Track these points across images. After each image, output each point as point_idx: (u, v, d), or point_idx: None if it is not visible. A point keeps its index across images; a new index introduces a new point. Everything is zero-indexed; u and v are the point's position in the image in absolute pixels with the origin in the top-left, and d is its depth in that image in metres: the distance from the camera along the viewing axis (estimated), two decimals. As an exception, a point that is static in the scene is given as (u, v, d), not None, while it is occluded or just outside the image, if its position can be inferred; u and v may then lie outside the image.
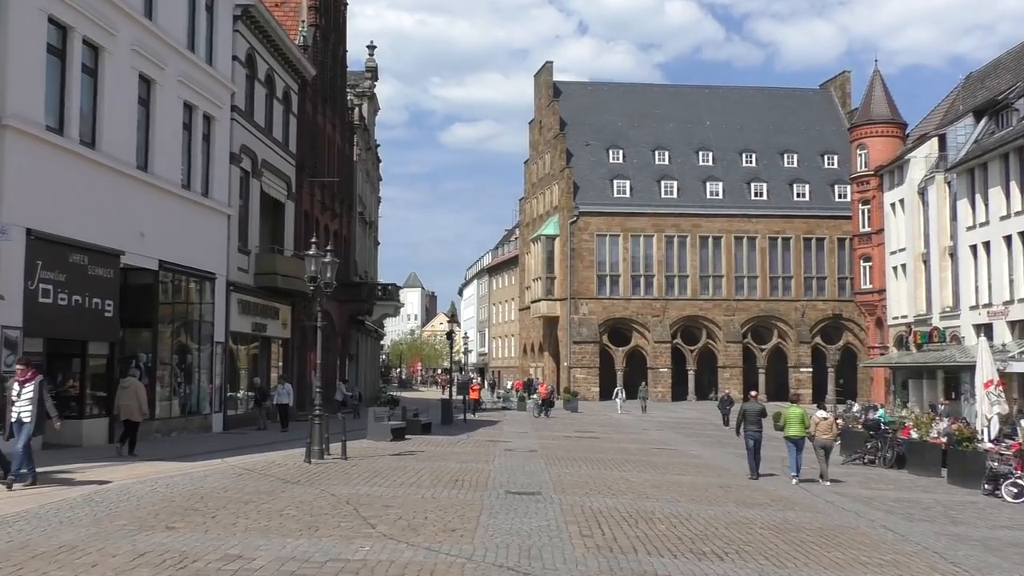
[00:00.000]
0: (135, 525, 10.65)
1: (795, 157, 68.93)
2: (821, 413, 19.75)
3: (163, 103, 23.05)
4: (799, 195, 66.69)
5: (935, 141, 48.43)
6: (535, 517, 12.32)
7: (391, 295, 52.28)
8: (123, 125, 21.13)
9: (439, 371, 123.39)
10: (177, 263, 23.90)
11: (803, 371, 64.57)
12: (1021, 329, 38.89)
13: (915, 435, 23.37)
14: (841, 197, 65.75)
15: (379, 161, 66.18)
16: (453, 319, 50.68)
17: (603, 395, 61.48)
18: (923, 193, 48.46)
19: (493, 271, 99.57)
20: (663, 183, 65.76)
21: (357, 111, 50.52)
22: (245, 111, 29.17)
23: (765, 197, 66.22)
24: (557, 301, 65.29)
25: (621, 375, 62.32)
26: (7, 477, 13.18)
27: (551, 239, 65.77)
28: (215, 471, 16.24)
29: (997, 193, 40.87)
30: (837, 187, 66.63)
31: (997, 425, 21.74)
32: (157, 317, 23.33)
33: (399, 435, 25.10)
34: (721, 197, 65.79)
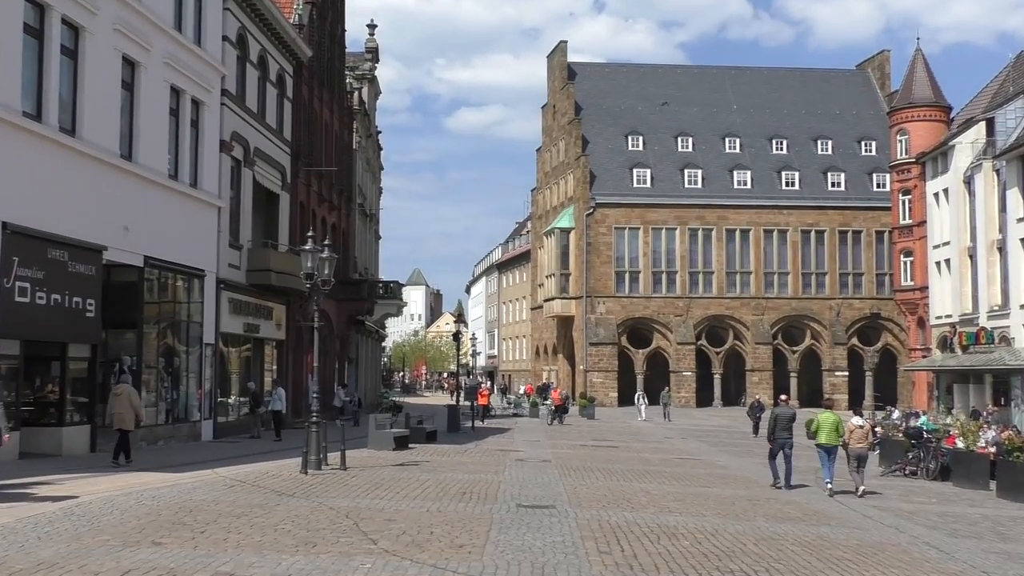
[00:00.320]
0: (119, 540, 10.67)
1: (829, 143, 68.66)
2: (857, 420, 19.70)
3: (148, 87, 23.11)
4: (834, 184, 66.46)
5: (982, 125, 48.17)
6: (549, 532, 12.30)
7: (393, 293, 52.34)
8: (105, 111, 21.19)
9: (445, 375, 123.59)
10: (164, 259, 23.97)
11: (838, 375, 64.36)
12: (1076, 329, 38.63)
13: (961, 444, 23.26)
14: (880, 187, 65.45)
15: (380, 149, 66.27)
16: (460, 319, 50.70)
17: (622, 401, 61.43)
18: (969, 182, 48.20)
19: (503, 267, 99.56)
20: (686, 172, 65.63)
21: (356, 95, 50.58)
22: (236, 95, 29.22)
23: (797, 187, 66.01)
24: (572, 300, 65.26)
25: (641, 379, 62.23)
26: None
27: (565, 233, 65.75)
28: (205, 482, 16.28)
29: (1049, 182, 40.63)
30: (875, 176, 66.33)
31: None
32: (142, 317, 23.40)
33: (402, 444, 25.11)
34: (749, 187, 65.61)
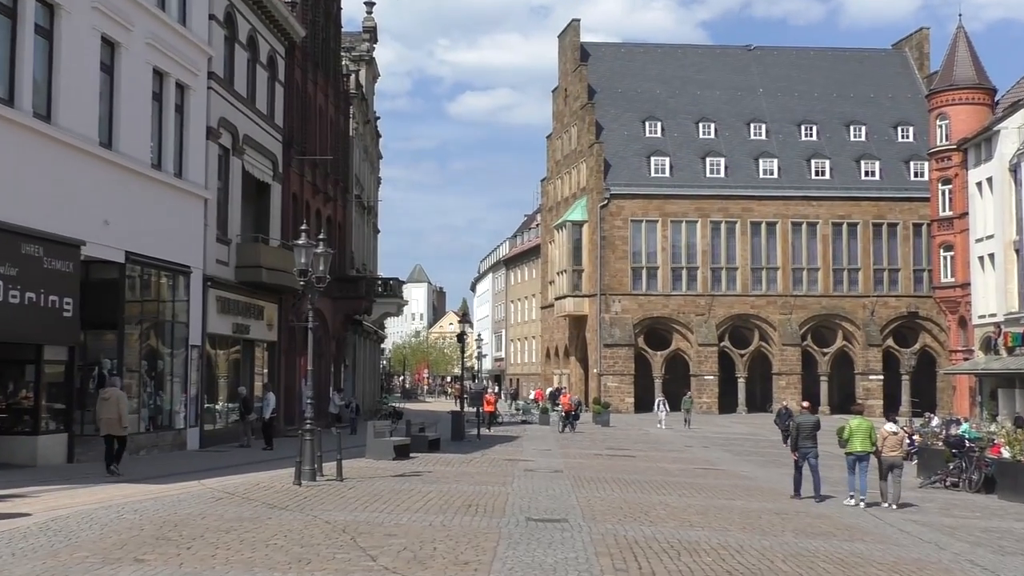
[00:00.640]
0: (98, 558, 10.67)
1: (863, 129, 68.44)
2: (890, 427, 19.66)
3: (129, 70, 23.12)
4: (868, 173, 66.25)
5: (1029, 109, 47.93)
6: (561, 548, 12.27)
7: (393, 291, 52.38)
8: (83, 95, 21.21)
9: (449, 379, 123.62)
10: (146, 254, 23.99)
11: (872, 379, 64.16)
12: None
13: (1007, 454, 23.11)
14: (917, 176, 65.21)
15: (379, 136, 66.28)
16: (465, 319, 50.63)
17: (639, 406, 61.37)
18: (1015, 170, 47.95)
19: (511, 263, 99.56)
20: (708, 160, 65.50)
21: (353, 78, 50.57)
22: (224, 79, 29.22)
23: (828, 176, 65.82)
24: (585, 298, 65.20)
25: (660, 383, 62.17)
26: None
27: (578, 226, 65.69)
28: (191, 495, 16.29)
29: (1102, 170, 40.42)
30: (913, 164, 66.09)
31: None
32: (123, 317, 23.42)
33: (403, 453, 25.12)
34: (776, 176, 65.44)
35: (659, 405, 48.72)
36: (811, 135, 67.91)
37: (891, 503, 18.88)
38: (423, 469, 22.39)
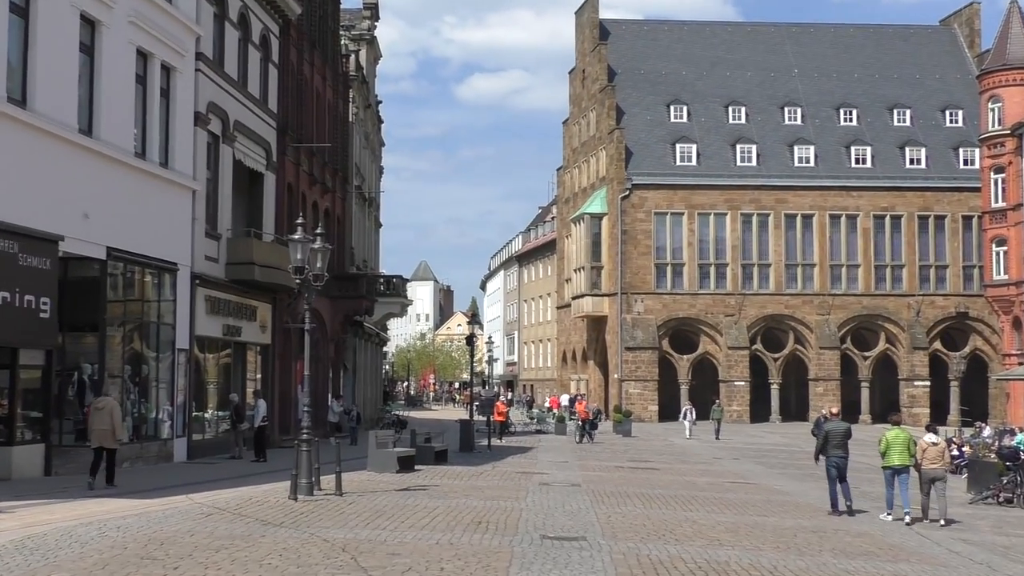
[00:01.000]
0: (78, 577, 10.69)
1: (907, 113, 68.19)
2: (930, 437, 19.61)
3: (111, 50, 23.18)
4: (913, 161, 66.00)
5: (1089, 91, 47.67)
6: (579, 569, 12.27)
7: (396, 290, 52.43)
8: (61, 78, 21.28)
9: (457, 385, 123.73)
10: (130, 250, 24.07)
11: (918, 385, 63.96)
12: None
13: (1064, 467, 23.00)
14: (967, 163, 64.96)
15: (381, 122, 66.37)
16: (474, 319, 50.72)
17: (663, 415, 61.29)
18: (1073, 157, 47.72)
19: (524, 260, 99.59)
20: (739, 148, 65.36)
21: (353, 59, 50.65)
22: (213, 60, 29.28)
23: (869, 164, 65.60)
24: (605, 297, 65.16)
25: (686, 390, 62.10)
26: None
27: (597, 219, 65.66)
28: (178, 510, 16.33)
29: None
30: (962, 151, 65.83)
31: None
32: (105, 318, 23.52)
33: (407, 465, 25.14)
34: (812, 165, 65.25)
35: (685, 413, 48.66)
36: (851, 119, 67.66)
37: (937, 519, 18.82)
38: (429, 483, 22.39)
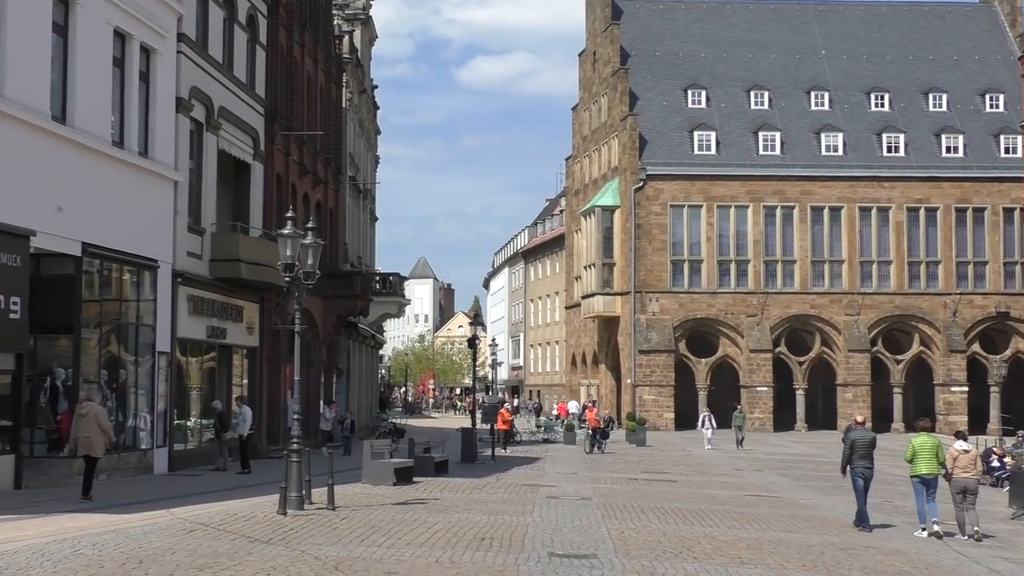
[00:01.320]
0: (50, 598, 10.69)
1: (943, 98, 68.07)
2: (961, 444, 19.60)
3: (86, 31, 23.17)
4: (949, 150, 65.89)
5: None
6: (589, 590, 12.23)
7: (393, 289, 52.44)
8: (32, 61, 21.27)
9: (458, 391, 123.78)
10: (107, 246, 24.06)
11: (955, 391, 63.81)
12: None
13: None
14: (1009, 152, 64.86)
15: (376, 108, 66.40)
16: (476, 321, 50.76)
17: (680, 423, 61.23)
18: (1122, 145, 47.61)
19: (530, 256, 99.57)
20: (761, 135, 65.29)
21: (347, 40, 50.66)
22: (196, 42, 29.28)
23: (902, 153, 65.47)
24: (617, 296, 65.12)
25: (704, 396, 62.05)
26: None
27: (609, 212, 65.62)
28: (158, 526, 16.33)
29: None
30: (1003, 138, 65.71)
31: None
32: (80, 319, 23.51)
33: (405, 477, 25.17)
34: (841, 153, 65.15)
35: (704, 421, 48.60)
36: (882, 104, 67.52)
37: (969, 535, 18.81)
38: (429, 496, 22.40)
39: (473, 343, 43.90)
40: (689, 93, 66.98)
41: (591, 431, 42.71)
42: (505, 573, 13.06)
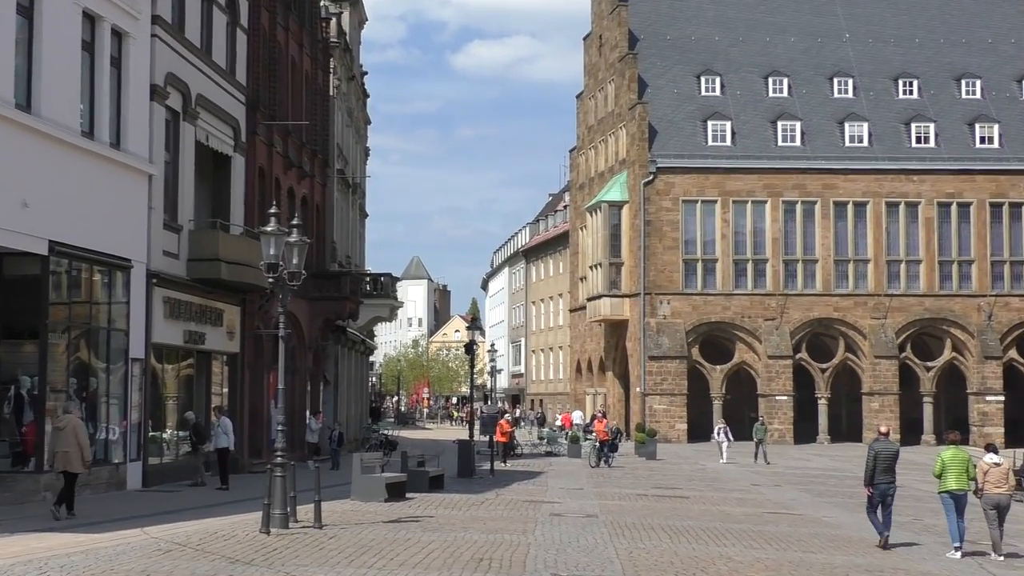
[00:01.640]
0: (15, 624, 10.67)
1: (977, 84, 68.06)
2: (992, 458, 19.59)
3: (53, 12, 23.15)
4: (984, 140, 65.90)
5: None
6: (596, 615, 12.22)
7: (385, 290, 52.43)
8: (-3, 46, 21.24)
9: (454, 400, 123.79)
10: (76, 245, 24.02)
11: (990, 400, 63.78)
12: None
13: None
14: (1046, 143, 64.92)
15: (366, 96, 66.40)
16: (474, 324, 50.73)
17: (693, 434, 61.20)
18: None
19: (532, 255, 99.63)
20: (780, 125, 65.26)
21: (334, 23, 50.66)
22: (172, 24, 29.27)
23: (932, 144, 65.48)
24: (625, 298, 65.11)
25: (719, 405, 62.05)
26: None
27: (616, 208, 65.61)
28: (131, 546, 16.31)
29: None
30: (1040, 128, 65.80)
31: None
32: (47, 323, 23.45)
33: (397, 493, 25.20)
34: (866, 145, 65.16)
35: (719, 432, 48.58)
36: (911, 92, 67.52)
37: (993, 551, 18.88)
38: (423, 513, 22.40)
39: (470, 349, 43.94)
40: (702, 79, 66.94)
41: (598, 443, 42.67)
42: (505, 597, 13.05)
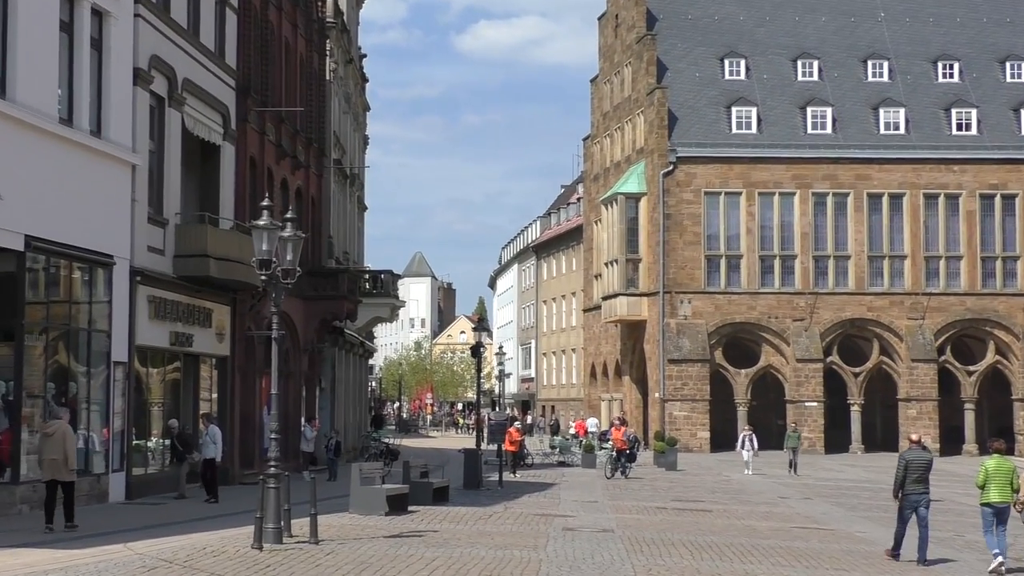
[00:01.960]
0: (-12, 646, 10.68)
1: (1022, 67, 67.91)
2: None
3: (31, -8, 23.18)
4: (1029, 127, 65.84)
5: None
6: (612, 637, 12.21)
7: (385, 288, 52.46)
8: (-31, 26, 21.27)
9: (460, 406, 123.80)
10: (54, 240, 24.06)
11: (1036, 406, 63.73)
12: None
13: None
14: (1097, 130, 64.80)
15: (365, 81, 66.38)
16: (481, 325, 50.66)
17: (716, 443, 61.16)
18: None
19: (543, 251, 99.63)
20: (810, 111, 65.18)
21: (331, 2, 50.67)
22: (157, 3, 29.29)
23: (974, 131, 65.35)
24: (643, 297, 65.06)
25: (745, 412, 61.95)
26: None
27: (634, 200, 65.57)
28: (114, 563, 16.33)
29: None
30: (1090, 114, 65.68)
31: None
32: (23, 324, 23.48)
33: (399, 506, 25.21)
34: (903, 132, 65.05)
35: (744, 441, 48.53)
36: (951, 75, 67.40)
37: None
38: (426, 528, 22.41)
39: (477, 351, 43.88)
40: (726, 62, 66.87)
41: (615, 452, 42.60)
42: (514, 617, 13.04)
